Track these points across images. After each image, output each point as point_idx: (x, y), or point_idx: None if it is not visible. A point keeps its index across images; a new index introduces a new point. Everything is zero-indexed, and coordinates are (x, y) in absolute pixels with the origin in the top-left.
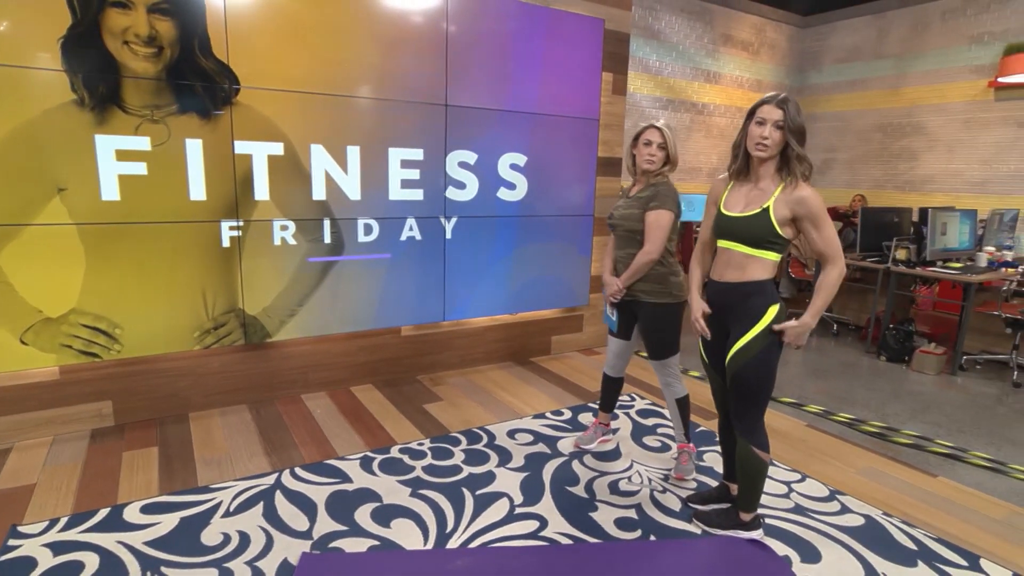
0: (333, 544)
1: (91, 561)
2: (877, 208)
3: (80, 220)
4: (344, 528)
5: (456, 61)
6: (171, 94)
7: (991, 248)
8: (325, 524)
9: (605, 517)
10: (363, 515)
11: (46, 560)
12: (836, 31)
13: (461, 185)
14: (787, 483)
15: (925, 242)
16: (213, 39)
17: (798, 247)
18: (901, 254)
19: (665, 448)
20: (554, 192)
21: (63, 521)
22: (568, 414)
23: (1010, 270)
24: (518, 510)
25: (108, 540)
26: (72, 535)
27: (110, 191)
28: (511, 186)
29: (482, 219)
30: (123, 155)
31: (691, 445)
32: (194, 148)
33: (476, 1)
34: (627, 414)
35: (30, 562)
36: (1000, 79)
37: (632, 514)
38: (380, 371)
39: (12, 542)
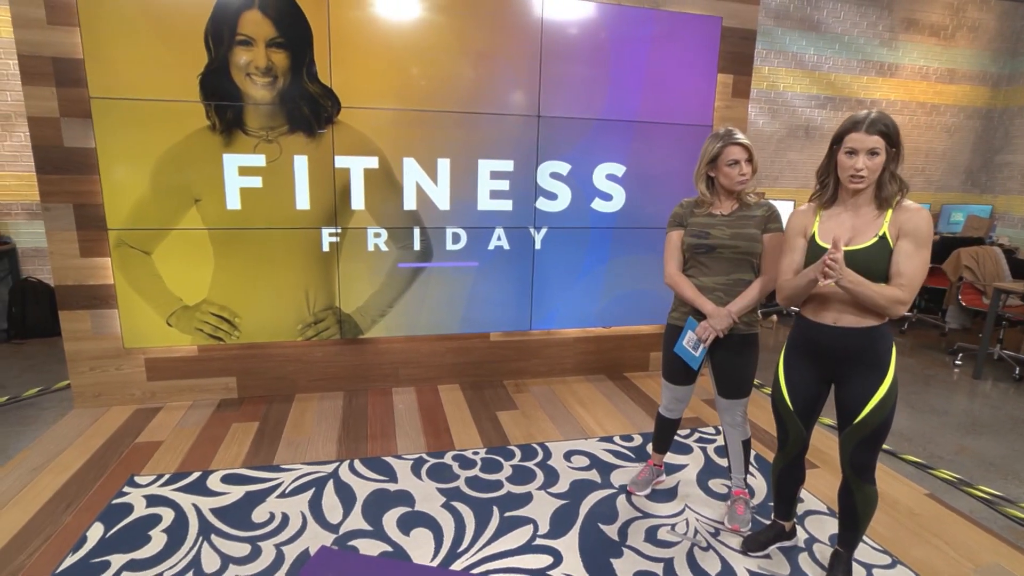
0: (352, 543)
1: (167, 517)
2: None
3: (210, 226)
4: (368, 528)
5: (551, 71)
6: (283, 117)
7: None
8: (355, 521)
9: (625, 567)
10: (390, 519)
11: (140, 509)
12: None
13: (552, 196)
14: (868, 566)
15: None
16: (319, 66)
17: (972, 270)
18: None
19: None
20: (656, 203)
21: (165, 477)
22: (638, 440)
23: None
24: (538, 540)
25: (187, 501)
26: (166, 491)
27: (234, 201)
28: (607, 197)
29: (574, 230)
30: (244, 171)
31: (747, 492)
32: (301, 164)
33: (573, 10)
34: (703, 449)
35: (128, 508)
36: None
37: (658, 570)
38: (467, 373)
39: (126, 488)
